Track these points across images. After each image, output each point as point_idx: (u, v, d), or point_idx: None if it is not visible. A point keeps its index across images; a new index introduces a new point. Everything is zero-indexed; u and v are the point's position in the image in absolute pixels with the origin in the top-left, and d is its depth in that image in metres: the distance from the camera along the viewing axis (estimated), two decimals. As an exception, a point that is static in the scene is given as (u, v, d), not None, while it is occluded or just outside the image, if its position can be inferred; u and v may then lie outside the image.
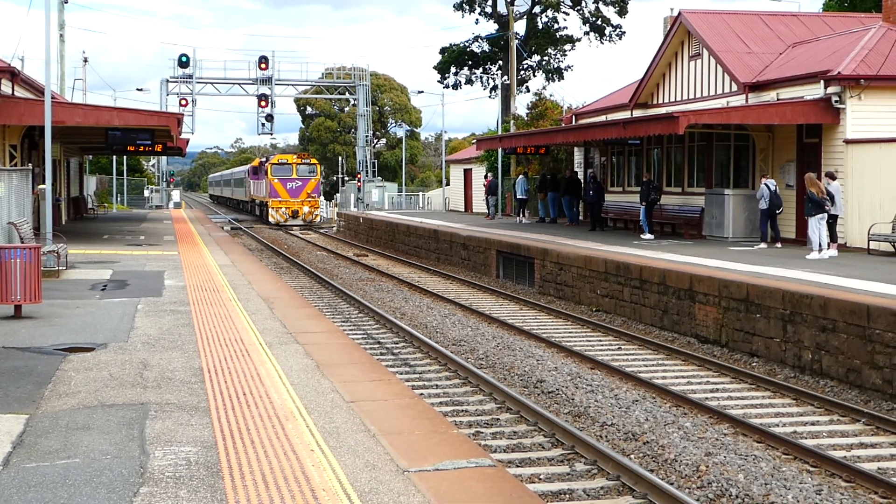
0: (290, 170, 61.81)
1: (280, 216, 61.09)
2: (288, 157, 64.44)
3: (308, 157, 64.31)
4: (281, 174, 61.46)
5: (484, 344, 19.34)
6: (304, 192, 61.61)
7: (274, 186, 61.17)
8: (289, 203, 61.25)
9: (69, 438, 8.88)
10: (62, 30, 54.98)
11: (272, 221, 60.92)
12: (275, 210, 61.30)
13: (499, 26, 68.73)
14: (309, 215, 61.86)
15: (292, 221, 60.83)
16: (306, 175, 62.09)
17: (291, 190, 61.18)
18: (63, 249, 23.42)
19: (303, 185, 61.57)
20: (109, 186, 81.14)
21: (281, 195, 61.16)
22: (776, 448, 12.27)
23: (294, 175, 61.59)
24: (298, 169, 61.88)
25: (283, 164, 62.39)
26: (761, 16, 36.22)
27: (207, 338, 14.20)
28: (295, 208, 61.30)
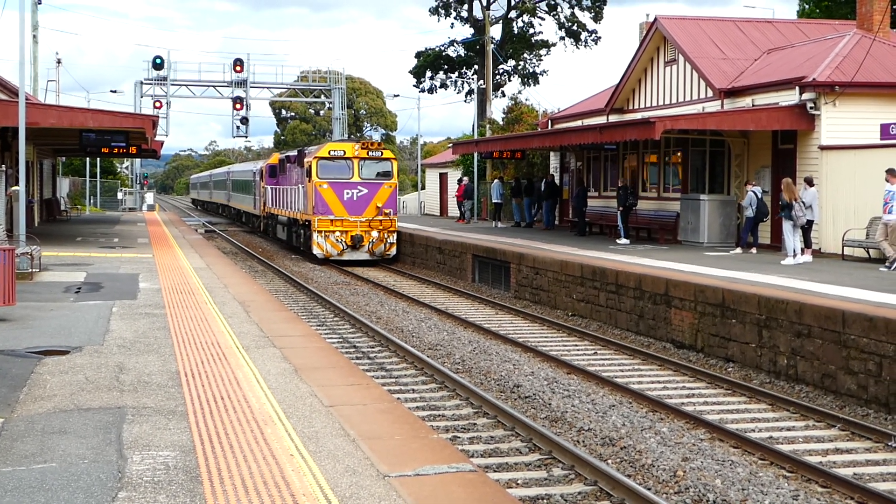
0: (348, 167, 37.72)
1: (331, 245, 37.28)
2: (345, 146, 38.61)
3: (379, 147, 38.73)
4: (333, 174, 37.58)
5: (460, 348, 19.33)
6: (371, 206, 37.55)
7: (321, 194, 37.24)
8: (347, 224, 37.33)
9: (45, 442, 8.80)
10: (35, 31, 54.58)
11: (317, 253, 37.38)
12: (322, 235, 37.26)
13: (475, 31, 68.83)
14: (380, 243, 37.67)
15: (352, 255, 37.42)
16: (375, 176, 38.02)
17: (351, 201, 37.49)
18: (36, 251, 23.25)
19: (370, 192, 37.61)
20: (82, 188, 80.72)
21: (333, 209, 37.34)
22: (753, 453, 12.31)
23: (355, 176, 37.68)
24: (363, 166, 37.77)
25: (337, 157, 37.88)
26: (737, 22, 36.42)
27: (184, 341, 14.12)
28: (357, 232, 37.23)
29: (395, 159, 39.46)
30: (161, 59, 69.16)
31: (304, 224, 39.52)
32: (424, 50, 73.05)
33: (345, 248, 37.35)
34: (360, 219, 37.32)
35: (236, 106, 70.53)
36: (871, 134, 26.09)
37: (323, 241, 37.34)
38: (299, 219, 40.73)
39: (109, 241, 35.64)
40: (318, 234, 37.29)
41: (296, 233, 42.14)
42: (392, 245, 37.97)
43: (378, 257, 37.74)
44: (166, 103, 69.77)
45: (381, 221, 37.56)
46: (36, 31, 54.59)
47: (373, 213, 37.46)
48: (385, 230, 37.71)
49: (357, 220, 37.29)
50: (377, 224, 37.55)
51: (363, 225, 37.38)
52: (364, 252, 37.54)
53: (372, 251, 37.62)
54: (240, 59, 69.78)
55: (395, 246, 38.10)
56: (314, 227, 37.38)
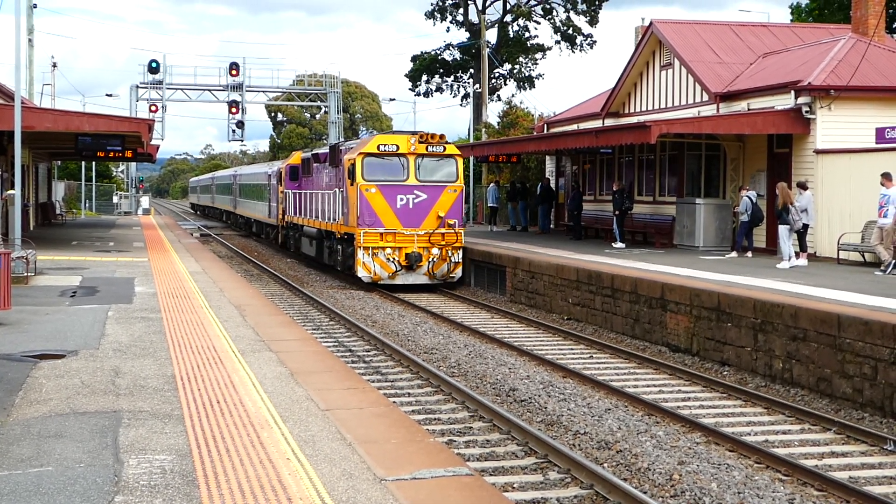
0: (403, 166, 30.36)
1: (381, 265, 29.95)
2: (399, 138, 30.94)
3: (441, 140, 30.81)
4: (383, 175, 30.27)
5: (456, 352, 19.33)
6: (431, 215, 30.22)
7: (367, 201, 30.01)
8: (400, 238, 30.05)
9: (41, 446, 8.79)
10: (31, 35, 54.57)
11: (363, 276, 30.05)
12: (369, 253, 29.91)
13: (470, 35, 68.89)
14: (442, 262, 30.27)
15: (407, 277, 30.21)
16: (437, 178, 30.61)
17: (406, 210, 30.20)
18: (32, 255, 23.23)
19: (430, 198, 30.33)
20: (78, 192, 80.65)
21: (383, 219, 30.01)
22: (748, 457, 12.32)
23: (411, 177, 30.25)
24: (421, 165, 30.42)
25: (388, 153, 30.39)
26: (732, 26, 36.48)
27: (179, 345, 14.12)
28: (413, 250, 29.98)
29: (461, 155, 31.83)
30: (157, 62, 69.28)
31: (343, 238, 31.85)
32: (420, 54, 73.13)
33: (398, 270, 29.90)
34: (418, 232, 29.94)
35: (232, 110, 70.63)
36: (866, 138, 26.16)
37: (370, 261, 29.80)
38: (336, 231, 32.73)
39: (105, 244, 35.62)
40: (363, 252, 29.72)
41: (329, 248, 34.26)
42: (457, 265, 30.53)
43: (439, 281, 30.36)
44: (162, 107, 69.89)
45: (443, 235, 30.14)
46: (31, 34, 54.57)
47: (433, 224, 30.13)
48: (448, 246, 30.26)
49: (413, 234, 29.91)
50: (438, 239, 30.12)
51: (421, 240, 29.97)
52: (422, 274, 30.16)
53: (431, 273, 30.17)
54: (235, 62, 69.92)
55: (460, 266, 30.62)
56: (359, 243, 29.72)
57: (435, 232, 30.03)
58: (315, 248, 36.72)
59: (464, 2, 69.58)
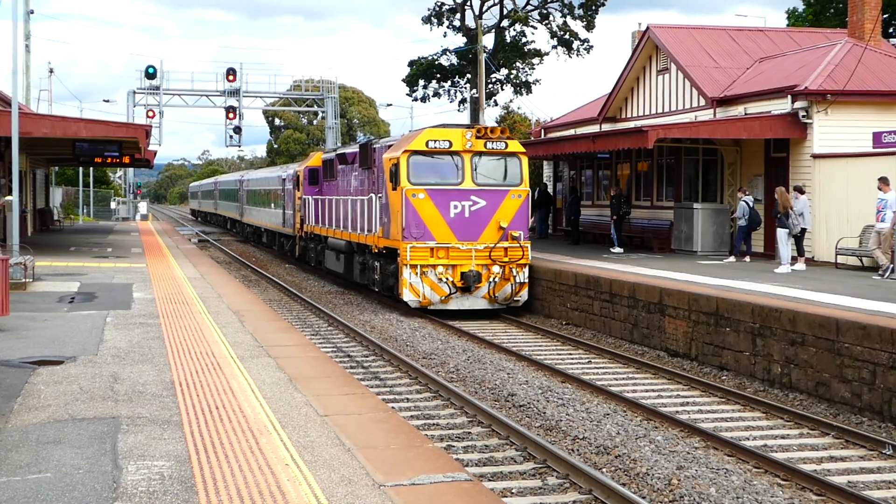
0: (457, 166, 25.58)
1: (431, 286, 25.19)
2: (452, 133, 25.82)
3: (503, 135, 26.23)
4: (433, 177, 25.58)
5: (454, 357, 19.33)
6: (491, 226, 25.47)
7: (415, 209, 25.20)
8: (455, 254, 25.30)
9: (40, 452, 8.79)
10: (28, 40, 54.60)
11: (410, 299, 25.23)
12: (417, 272, 25.12)
13: (467, 40, 68.88)
14: (505, 282, 25.49)
15: (462, 301, 25.43)
16: (497, 180, 25.93)
17: (461, 219, 25.40)
18: (30, 261, 23.22)
19: (490, 205, 25.56)
20: (76, 198, 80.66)
21: (433, 231, 25.28)
22: (747, 461, 12.32)
23: (467, 180, 25.49)
24: (479, 165, 25.70)
25: (439, 150, 25.54)
26: (728, 31, 36.54)
27: (178, 351, 14.11)
28: (472, 268, 25.19)
29: (526, 154, 26.60)
30: (154, 68, 69.30)
31: (382, 253, 27.01)
32: (417, 59, 73.03)
33: (451, 293, 25.03)
34: (475, 246, 25.06)
35: (229, 115, 70.68)
36: (863, 142, 26.18)
37: (418, 282, 24.89)
38: (371, 245, 27.86)
39: (103, 250, 35.61)
40: (410, 271, 24.87)
41: (362, 264, 29.26)
42: (522, 286, 25.54)
43: (501, 305, 25.48)
44: (159, 112, 69.94)
45: (506, 250, 25.21)
46: (28, 40, 54.61)
47: (493, 236, 25.23)
48: (513, 263, 25.31)
49: (471, 249, 25.01)
50: (500, 254, 25.17)
51: (480, 256, 25.06)
52: (480, 297, 25.31)
53: (492, 295, 25.25)
54: (232, 68, 69.97)
55: (525, 287, 25.64)
56: (404, 260, 24.85)
57: (496, 246, 25.16)
58: (343, 263, 31.46)
59: (461, 7, 69.59)
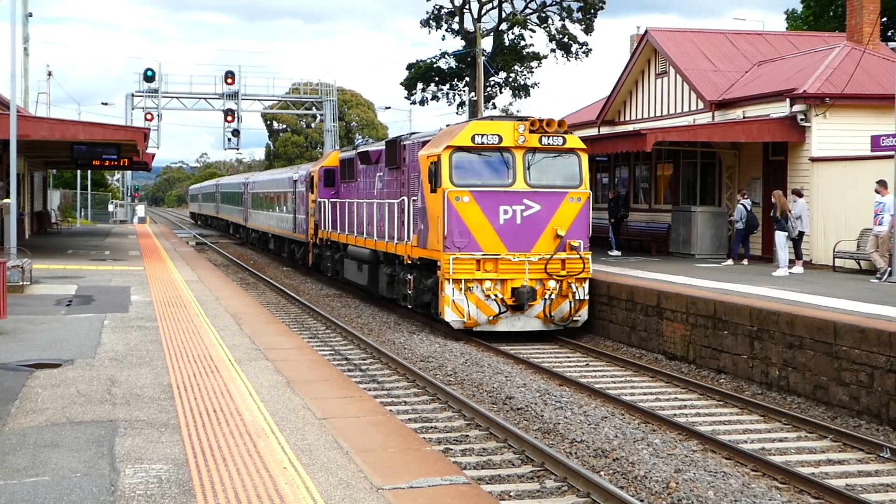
0: (507, 165, 22.17)
1: (477, 304, 21.78)
2: (501, 125, 22.20)
3: (560, 129, 22.21)
4: (479, 177, 22.11)
5: (452, 360, 19.31)
6: (547, 234, 22.06)
7: (458, 214, 21.75)
8: (505, 266, 21.82)
9: (37, 456, 8.78)
10: (26, 43, 54.62)
11: (452, 320, 21.77)
12: (461, 288, 21.63)
13: (466, 43, 68.91)
14: (562, 300, 22.13)
15: (513, 322, 22.13)
16: (553, 181, 22.45)
17: (512, 226, 21.95)
18: (27, 264, 23.21)
19: (545, 210, 22.16)
20: (73, 201, 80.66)
21: (480, 240, 21.81)
22: (745, 465, 12.32)
23: (519, 181, 22.03)
24: (533, 163, 22.21)
25: (486, 145, 22.01)
26: (727, 34, 36.56)
27: (176, 354, 14.11)
28: (524, 283, 21.80)
29: (586, 150, 22.77)
30: (152, 71, 69.29)
31: (416, 265, 23.67)
32: (416, 62, 73.04)
33: (501, 312, 21.63)
34: (529, 257, 21.67)
35: (227, 118, 70.65)
36: (861, 145, 26.17)
37: (462, 300, 21.47)
38: (403, 255, 24.50)
39: (100, 253, 35.59)
40: (453, 287, 21.43)
41: (391, 276, 25.88)
42: (582, 303, 22.18)
43: (558, 326, 22.20)
44: (157, 115, 69.91)
45: (563, 262, 21.85)
46: (27, 43, 54.63)
47: (549, 246, 21.82)
48: (572, 277, 21.94)
49: (524, 261, 21.61)
50: (557, 267, 21.81)
51: (534, 269, 21.72)
52: (533, 317, 21.97)
53: (548, 315, 21.90)
54: (231, 71, 69.94)
55: (585, 305, 22.31)
56: (446, 273, 21.43)
57: (553, 257, 21.79)
58: (366, 274, 28.00)
59: (459, 10, 69.64)
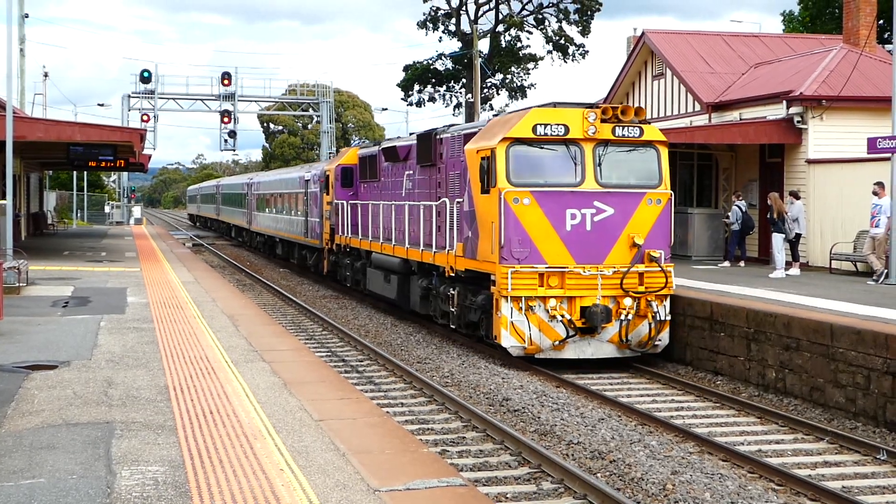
0: (575, 160, 18.60)
1: (540, 326, 18.23)
2: (568, 114, 18.46)
3: (635, 117, 18.73)
4: (542, 176, 18.58)
5: (449, 362, 19.31)
6: (621, 242, 18.63)
7: (517, 219, 18.19)
8: (573, 281, 18.36)
9: (34, 458, 8.76)
10: (22, 44, 54.53)
11: (511, 345, 18.28)
12: (520, 307, 18.15)
13: (462, 44, 68.95)
14: (640, 321, 18.66)
15: (583, 347, 18.65)
16: (628, 180, 19.00)
17: (580, 233, 18.48)
18: (23, 265, 23.19)
19: (619, 214, 18.66)
20: (69, 202, 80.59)
21: (542, 249, 18.29)
22: (742, 466, 12.32)
23: (589, 180, 18.54)
24: (605, 158, 18.70)
25: (549, 137, 18.37)
26: (724, 37, 36.57)
27: (172, 355, 14.09)
28: (597, 301, 18.34)
29: (666, 143, 19.34)
30: (149, 72, 69.21)
31: (459, 278, 20.54)
32: (413, 63, 73.12)
33: (569, 336, 18.32)
34: (602, 270, 18.35)
35: (224, 119, 70.59)
36: (858, 148, 26.17)
37: (522, 321, 18.12)
38: (445, 267, 21.04)
39: (97, 254, 35.55)
40: (511, 306, 18.10)
41: (427, 290, 22.77)
42: (663, 325, 18.88)
43: (635, 352, 18.87)
44: (154, 117, 69.82)
45: (641, 276, 18.66)
46: (23, 44, 54.53)
47: (624, 257, 18.56)
48: (651, 292, 18.67)
49: (596, 275, 18.30)
50: (634, 282, 18.60)
51: (608, 284, 18.40)
52: (606, 341, 18.65)
53: (623, 339, 18.56)
54: (227, 72, 69.88)
55: (667, 327, 19.00)
56: (502, 289, 18.08)
57: (630, 271, 18.48)
58: (395, 287, 24.79)
59: (456, 12, 69.70)
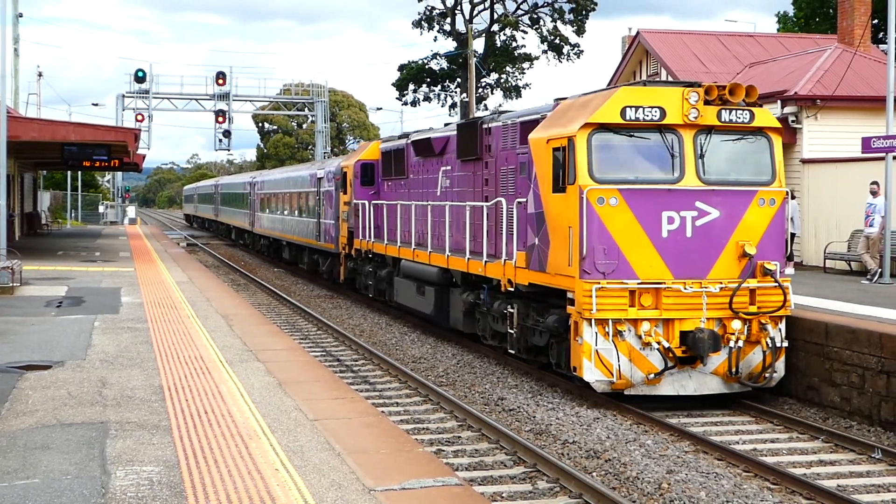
0: (672, 154, 15.09)
1: (629, 354, 14.70)
2: (664, 94, 15.03)
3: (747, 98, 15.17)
4: (633, 171, 15.09)
5: (444, 361, 19.30)
6: (728, 252, 15.12)
7: (602, 223, 14.62)
8: (672, 300, 14.78)
9: (28, 458, 8.74)
10: (16, 44, 54.47)
11: (595, 379, 14.64)
12: (607, 332, 14.60)
13: (457, 44, 68.95)
14: (751, 347, 15.16)
15: (682, 381, 15.01)
16: (735, 175, 15.48)
17: (679, 240, 14.92)
18: (17, 265, 23.14)
19: (725, 217, 15.11)
20: (64, 202, 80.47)
21: (634, 261, 14.76)
22: (737, 466, 12.32)
23: (689, 176, 15.02)
24: (709, 148, 15.20)
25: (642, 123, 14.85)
26: (719, 36, 36.62)
27: (167, 355, 14.07)
28: (700, 325, 14.84)
29: (780, 130, 16.06)
30: (143, 72, 69.16)
31: (518, 294, 17.32)
32: (408, 63, 73.11)
33: (666, 367, 14.96)
34: (706, 287, 15.01)
35: (219, 119, 70.55)
36: (852, 147, 26.20)
37: (610, 350, 14.76)
38: (501, 279, 17.79)
39: (91, 254, 35.49)
40: (596, 331, 14.77)
41: (474, 305, 19.73)
42: (778, 352, 15.43)
43: (745, 387, 15.42)
44: (148, 116, 69.76)
45: (753, 292, 15.33)
46: (17, 44, 54.47)
47: (731, 269, 15.26)
48: (764, 312, 15.32)
49: (700, 292, 14.95)
50: (744, 302, 15.24)
51: (714, 303, 15.07)
52: (710, 373, 15.26)
53: (732, 370, 15.13)
54: (222, 72, 69.83)
55: (783, 355, 15.56)
56: (584, 310, 14.76)
57: (741, 287, 15.05)
58: (432, 300, 21.72)
59: (451, 11, 69.69)
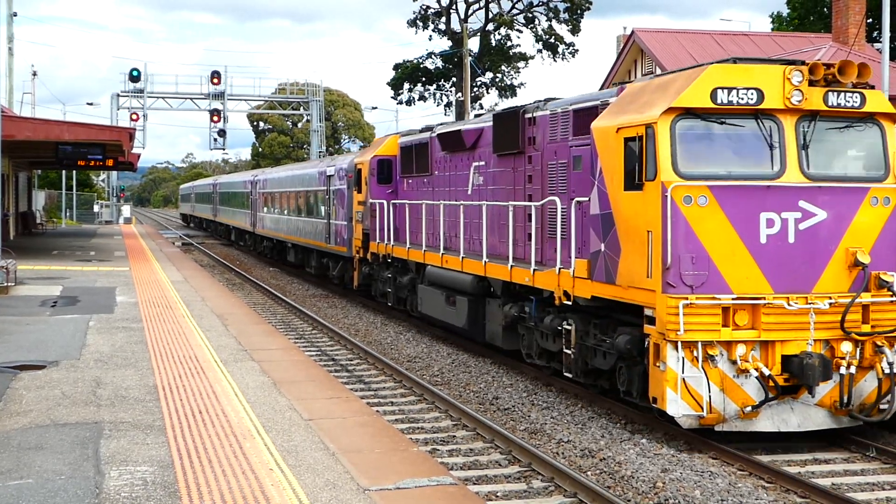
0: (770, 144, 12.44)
1: (721, 385, 12.11)
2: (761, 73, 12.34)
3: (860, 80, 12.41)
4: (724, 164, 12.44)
5: (439, 361, 19.30)
6: (837, 259, 12.44)
7: (689, 226, 12.05)
8: (772, 318, 12.14)
9: (21, 458, 8.73)
10: (10, 43, 54.41)
11: (681, 411, 12.03)
12: (696, 356, 12.01)
13: (452, 43, 68.95)
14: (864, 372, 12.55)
15: (784, 415, 12.37)
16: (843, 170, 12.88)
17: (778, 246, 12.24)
18: (12, 265, 23.12)
19: (833, 219, 12.42)
20: (58, 201, 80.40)
21: (727, 271, 12.13)
22: (732, 464, 12.32)
23: (792, 170, 12.35)
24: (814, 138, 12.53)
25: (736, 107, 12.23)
26: (714, 35, 36.65)
27: (161, 355, 14.06)
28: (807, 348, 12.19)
29: (892, 116, 13.17)
30: (138, 71, 69.05)
31: (577, 308, 14.97)
32: (403, 62, 73.08)
33: (766, 399, 12.32)
34: (814, 302, 12.38)
35: (213, 118, 70.45)
36: (846, 146, 26.23)
37: (699, 378, 12.20)
38: (555, 292, 15.40)
39: (86, 254, 35.46)
40: (682, 355, 12.15)
41: (518, 320, 17.39)
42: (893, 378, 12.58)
43: (856, 420, 12.81)
44: (143, 116, 69.65)
45: (866, 308, 12.74)
46: (11, 43, 54.42)
47: (841, 281, 12.67)
48: (880, 333, 12.71)
49: (807, 308, 12.34)
50: (856, 318, 12.63)
51: (823, 322, 12.46)
52: (814, 405, 12.69)
53: (843, 401, 12.55)
54: (217, 71, 69.73)
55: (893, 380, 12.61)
56: (669, 330, 12.21)
57: (854, 302, 12.59)
58: (465, 312, 19.57)
59: (446, 10, 69.68)
